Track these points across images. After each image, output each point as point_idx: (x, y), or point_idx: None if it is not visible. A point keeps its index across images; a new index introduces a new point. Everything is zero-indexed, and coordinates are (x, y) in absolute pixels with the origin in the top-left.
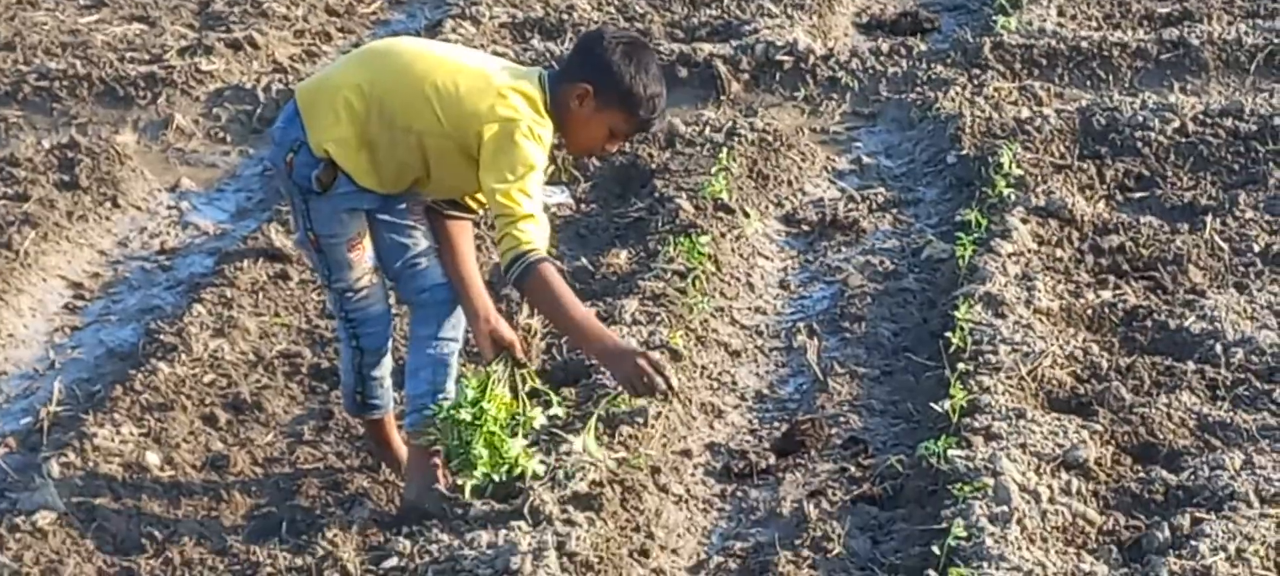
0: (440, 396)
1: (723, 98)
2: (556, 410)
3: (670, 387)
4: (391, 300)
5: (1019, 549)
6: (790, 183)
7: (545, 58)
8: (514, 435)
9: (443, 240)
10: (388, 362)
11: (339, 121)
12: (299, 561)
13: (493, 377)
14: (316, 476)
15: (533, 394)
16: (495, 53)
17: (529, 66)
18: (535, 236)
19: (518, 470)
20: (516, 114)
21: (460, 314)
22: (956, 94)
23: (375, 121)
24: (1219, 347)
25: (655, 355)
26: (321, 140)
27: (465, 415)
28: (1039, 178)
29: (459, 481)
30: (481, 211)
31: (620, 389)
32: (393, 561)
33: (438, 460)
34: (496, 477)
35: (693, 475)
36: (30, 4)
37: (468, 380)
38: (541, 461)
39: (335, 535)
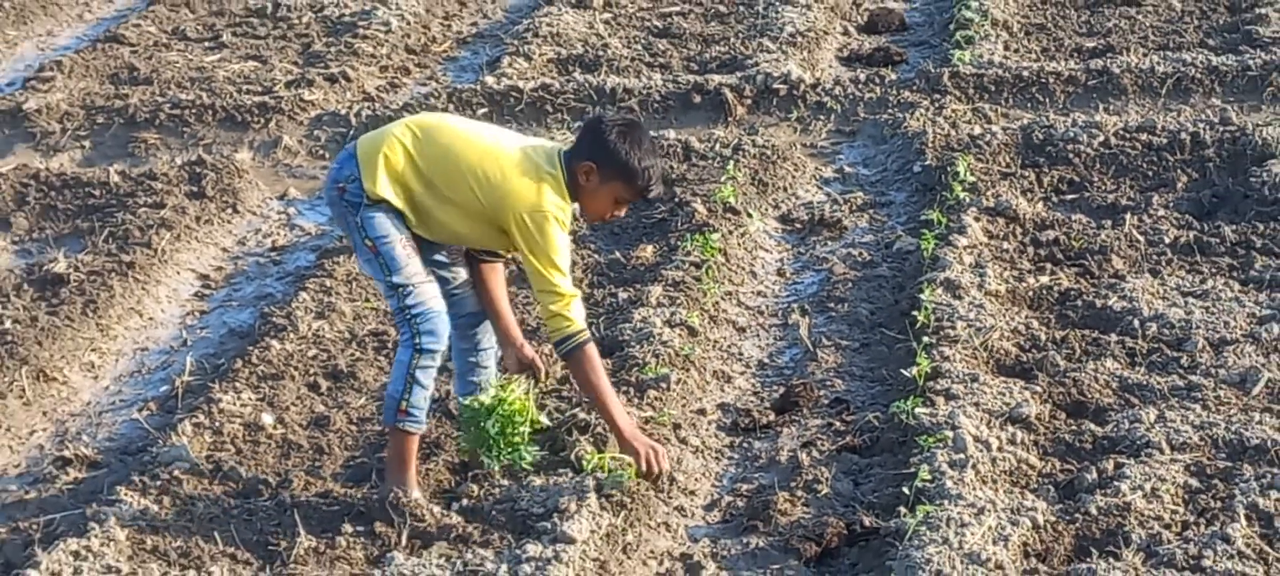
0: (465, 396)
1: (730, 119)
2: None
3: (662, 475)
4: (437, 304)
5: (973, 489)
6: (785, 188)
7: (585, 87)
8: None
9: (478, 278)
10: (434, 376)
11: (392, 180)
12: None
13: (513, 384)
14: None
15: (541, 405)
16: (542, 86)
17: (549, 143)
18: (577, 318)
19: (525, 455)
20: (543, 204)
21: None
22: (921, 115)
23: (422, 190)
24: (1136, 322)
25: (659, 448)
26: (375, 189)
27: (473, 409)
28: (989, 183)
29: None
30: (509, 255)
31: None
32: (463, 502)
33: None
34: (505, 462)
35: (707, 429)
36: (164, 47)
37: (491, 386)
38: (523, 455)
39: (417, 478)
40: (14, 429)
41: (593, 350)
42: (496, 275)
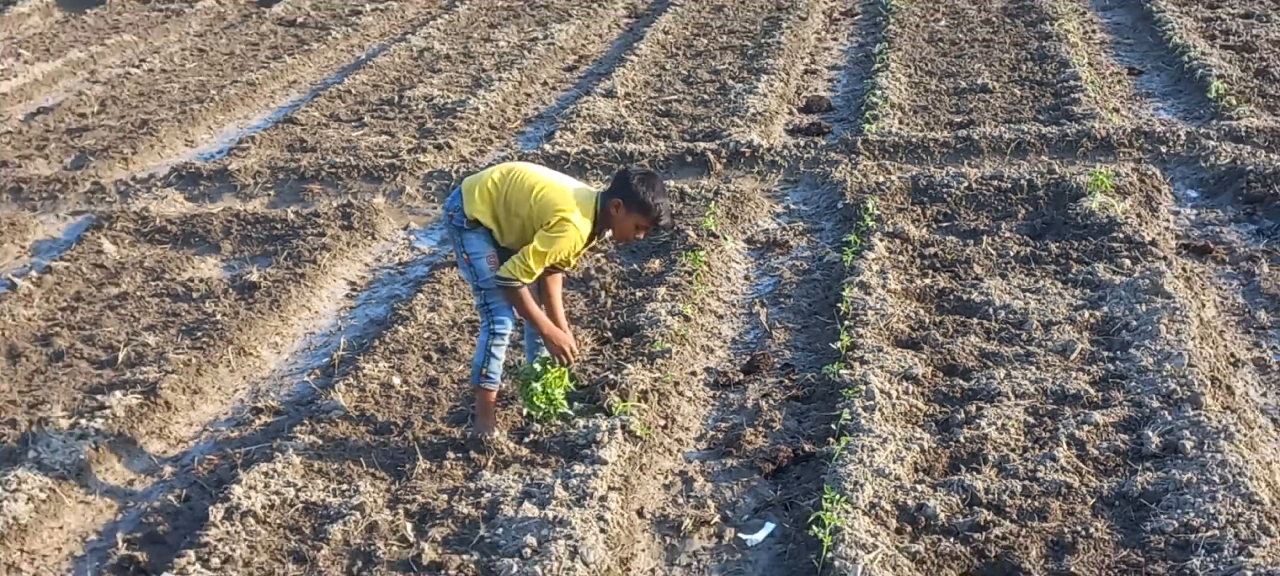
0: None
1: (711, 173)
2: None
3: (571, 353)
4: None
5: (880, 425)
6: (750, 220)
7: (612, 151)
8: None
9: (543, 286)
10: (505, 350)
11: (483, 205)
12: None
13: (553, 362)
14: None
15: (573, 375)
16: (583, 150)
17: (593, 188)
18: (524, 279)
19: (560, 409)
20: (569, 217)
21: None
22: (842, 168)
23: (501, 208)
24: (991, 310)
25: (566, 336)
26: (472, 212)
27: (528, 373)
28: (889, 215)
29: (525, 414)
30: (568, 270)
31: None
32: (529, 437)
33: (493, 414)
34: (551, 413)
35: (696, 386)
36: (324, 126)
37: (538, 359)
38: (558, 409)
39: (497, 421)
40: (223, 388)
41: (526, 292)
42: (556, 283)
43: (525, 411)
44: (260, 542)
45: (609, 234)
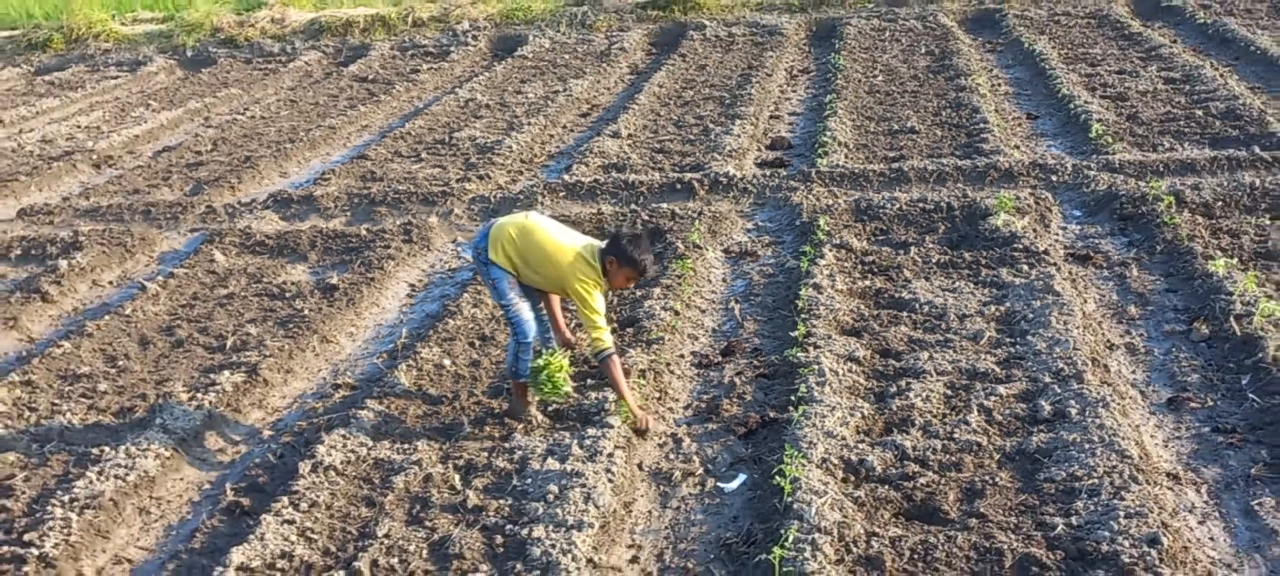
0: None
1: (696, 197)
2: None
3: (649, 431)
4: (530, 314)
5: (829, 397)
6: (726, 234)
7: (618, 181)
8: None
9: (547, 301)
10: (531, 351)
11: (503, 256)
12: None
13: (558, 353)
14: None
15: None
16: (595, 180)
17: (593, 243)
18: (608, 340)
19: (562, 390)
20: (587, 281)
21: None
22: (799, 194)
23: (519, 260)
24: (917, 305)
25: (649, 418)
26: (495, 258)
27: (541, 371)
28: (836, 231)
29: (537, 398)
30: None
31: (629, 421)
32: (551, 409)
33: (526, 395)
34: (556, 396)
35: (684, 366)
36: (389, 161)
37: (545, 353)
38: (562, 393)
39: (530, 400)
40: (309, 368)
41: (616, 358)
42: (555, 302)
43: (543, 396)
44: (339, 490)
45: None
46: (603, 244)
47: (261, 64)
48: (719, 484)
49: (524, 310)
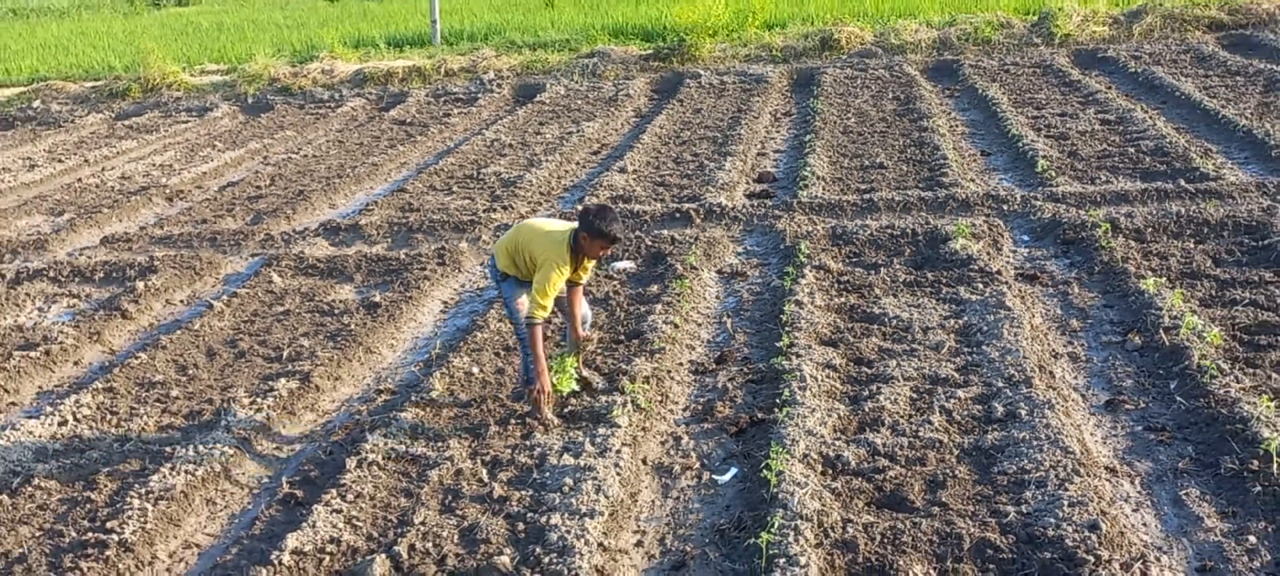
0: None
1: (693, 225)
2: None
3: (544, 397)
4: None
5: (810, 400)
6: (720, 256)
7: (624, 210)
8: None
9: (569, 293)
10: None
11: (506, 260)
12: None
13: (569, 355)
14: None
15: (588, 363)
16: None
17: (568, 226)
18: (540, 313)
19: (571, 390)
20: (550, 261)
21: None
22: (783, 221)
23: (516, 257)
24: (886, 319)
25: (547, 393)
26: (502, 267)
27: (555, 368)
28: (815, 254)
29: (556, 391)
30: (582, 283)
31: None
32: (567, 409)
33: (539, 395)
34: (563, 392)
35: (683, 373)
36: (425, 194)
37: (559, 353)
38: (576, 392)
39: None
40: (355, 376)
41: (538, 330)
42: (578, 293)
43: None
44: (381, 483)
45: (583, 256)
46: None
47: (313, 109)
48: (714, 477)
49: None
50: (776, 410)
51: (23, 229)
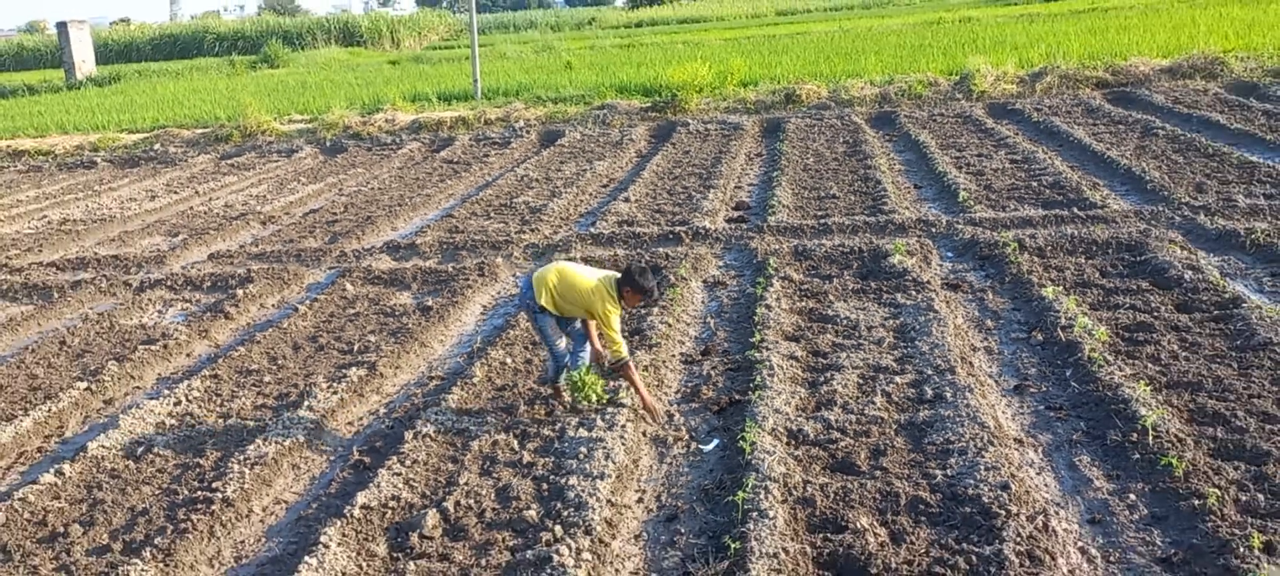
0: (573, 371)
1: (683, 244)
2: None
3: (658, 416)
4: (565, 346)
5: (777, 385)
6: (704, 270)
7: (628, 232)
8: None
9: (587, 327)
10: (559, 368)
11: (547, 298)
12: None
13: (591, 372)
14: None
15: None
16: (612, 232)
17: (612, 274)
18: (624, 351)
19: (597, 400)
20: (607, 305)
21: (584, 349)
22: (755, 242)
23: (559, 299)
24: (839, 320)
25: (659, 408)
26: (541, 301)
27: (578, 380)
28: (781, 267)
29: (575, 402)
30: (596, 321)
31: (646, 413)
32: (581, 409)
33: (557, 399)
34: (589, 401)
35: (674, 363)
36: (469, 220)
37: (580, 370)
38: (602, 400)
39: (563, 394)
40: (411, 365)
41: (631, 363)
42: (592, 326)
43: (578, 403)
44: (432, 452)
45: (623, 303)
46: (618, 275)
47: (378, 151)
48: (700, 446)
49: (558, 343)
50: (751, 393)
51: (145, 247)
